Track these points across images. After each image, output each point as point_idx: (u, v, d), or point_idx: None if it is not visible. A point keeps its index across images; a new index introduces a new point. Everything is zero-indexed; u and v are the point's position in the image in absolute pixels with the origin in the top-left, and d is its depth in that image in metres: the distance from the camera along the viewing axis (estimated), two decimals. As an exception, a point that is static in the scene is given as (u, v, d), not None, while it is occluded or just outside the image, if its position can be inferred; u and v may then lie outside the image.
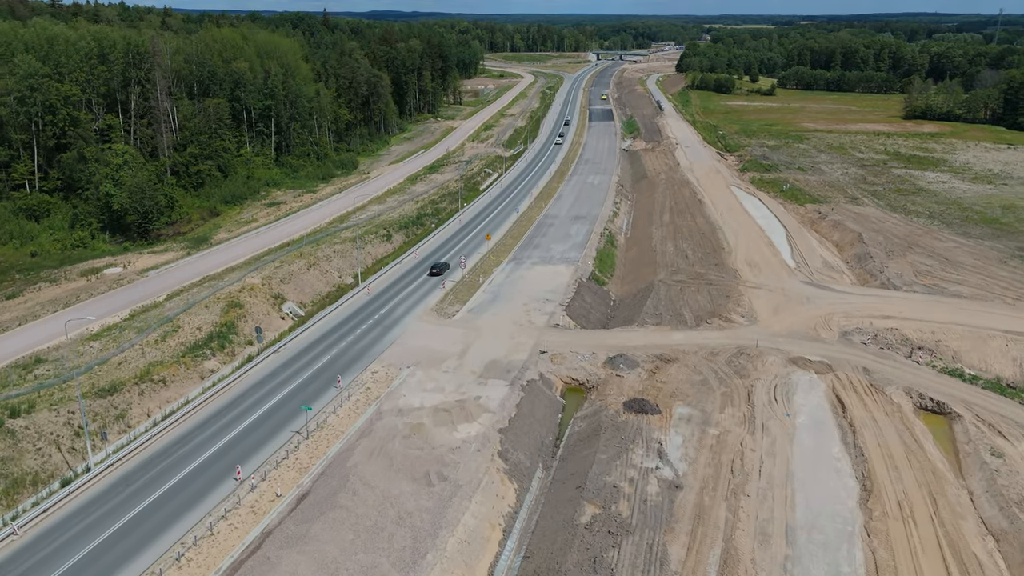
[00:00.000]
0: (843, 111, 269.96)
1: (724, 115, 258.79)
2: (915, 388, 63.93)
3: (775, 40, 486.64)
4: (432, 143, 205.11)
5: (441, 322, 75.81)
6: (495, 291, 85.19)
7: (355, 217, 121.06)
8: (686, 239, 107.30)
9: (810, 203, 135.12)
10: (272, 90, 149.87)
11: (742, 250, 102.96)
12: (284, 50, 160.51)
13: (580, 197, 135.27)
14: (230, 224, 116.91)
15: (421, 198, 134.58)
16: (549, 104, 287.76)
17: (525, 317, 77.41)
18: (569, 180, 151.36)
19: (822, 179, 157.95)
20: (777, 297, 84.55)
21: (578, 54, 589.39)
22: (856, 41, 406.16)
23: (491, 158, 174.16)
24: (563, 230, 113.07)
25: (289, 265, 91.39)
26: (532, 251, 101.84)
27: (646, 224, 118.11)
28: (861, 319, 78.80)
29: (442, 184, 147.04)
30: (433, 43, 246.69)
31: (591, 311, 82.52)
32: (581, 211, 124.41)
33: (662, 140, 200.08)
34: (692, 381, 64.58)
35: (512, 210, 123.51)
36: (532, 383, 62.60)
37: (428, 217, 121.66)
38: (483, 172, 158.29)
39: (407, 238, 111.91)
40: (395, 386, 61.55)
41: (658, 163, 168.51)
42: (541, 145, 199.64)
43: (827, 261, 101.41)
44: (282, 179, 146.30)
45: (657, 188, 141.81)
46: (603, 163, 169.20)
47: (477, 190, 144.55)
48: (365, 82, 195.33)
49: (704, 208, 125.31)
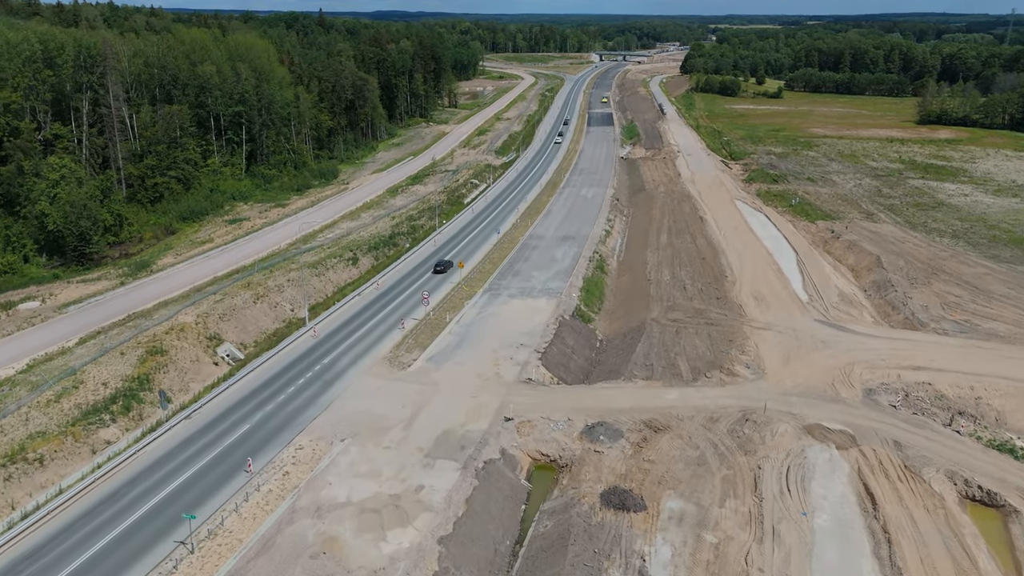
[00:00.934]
0: (853, 115, 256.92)
1: (729, 120, 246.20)
2: (959, 471, 51.79)
3: (782, 41, 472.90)
4: (421, 149, 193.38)
5: (393, 375, 63.96)
6: (462, 333, 73.25)
7: (323, 236, 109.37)
8: (685, 265, 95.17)
9: (822, 220, 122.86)
10: (243, 95, 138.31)
11: (747, 279, 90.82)
12: (258, 52, 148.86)
13: (571, 213, 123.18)
14: (183, 245, 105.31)
15: (398, 213, 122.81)
16: (547, 107, 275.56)
17: (493, 368, 65.51)
18: (561, 193, 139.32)
19: (834, 191, 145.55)
20: (788, 341, 72.43)
21: (581, 55, 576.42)
22: (865, 42, 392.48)
23: (480, 167, 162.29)
24: (548, 254, 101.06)
25: (233, 298, 79.75)
26: (511, 280, 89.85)
27: (641, 246, 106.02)
28: (887, 371, 66.67)
29: (423, 197, 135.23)
30: (426, 44, 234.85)
31: (572, 357, 70.58)
32: (570, 230, 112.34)
33: (663, 147, 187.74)
34: (687, 459, 52.62)
35: (493, 230, 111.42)
36: (491, 465, 50.71)
37: (402, 236, 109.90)
38: (469, 183, 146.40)
39: (376, 261, 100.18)
40: (321, 469, 49.73)
41: (658, 173, 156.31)
42: (535, 152, 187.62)
43: (843, 292, 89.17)
44: (252, 191, 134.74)
45: (655, 203, 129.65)
46: (599, 173, 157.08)
47: (461, 204, 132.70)
48: (350, 85, 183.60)
49: (706, 227, 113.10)
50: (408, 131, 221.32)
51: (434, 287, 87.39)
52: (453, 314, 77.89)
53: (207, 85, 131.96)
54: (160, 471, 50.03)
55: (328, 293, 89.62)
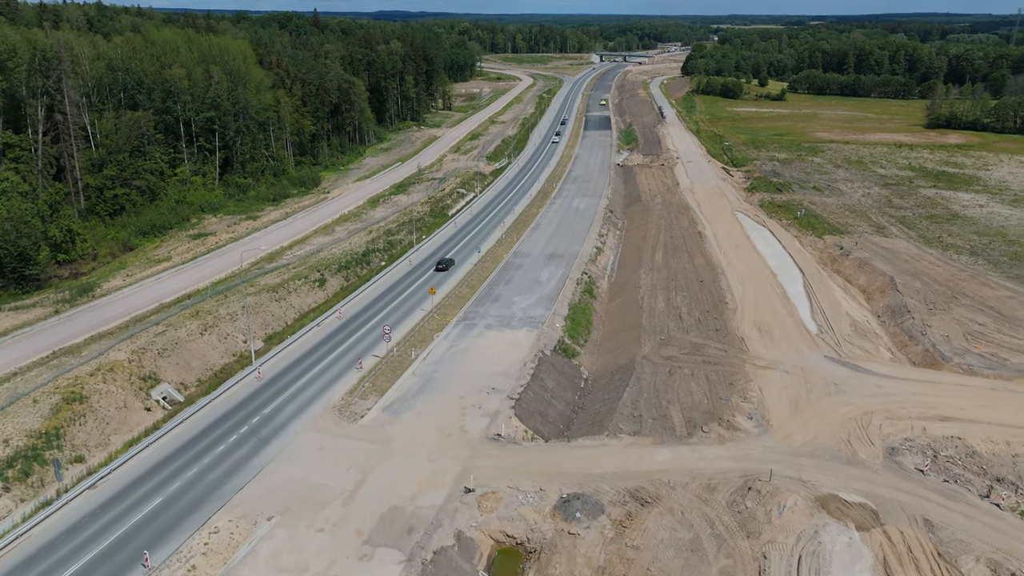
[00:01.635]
0: (859, 119, 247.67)
1: (731, 123, 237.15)
2: (1004, 560, 42.93)
3: (784, 41, 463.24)
4: (410, 155, 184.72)
5: (341, 429, 55.22)
6: (428, 373, 64.46)
7: (291, 253, 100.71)
8: (681, 289, 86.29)
9: (830, 234, 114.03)
10: (215, 99, 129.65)
11: (750, 306, 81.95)
12: (233, 53, 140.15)
13: (561, 227, 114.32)
14: (139, 263, 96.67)
15: (376, 227, 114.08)
16: (544, 110, 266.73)
17: (458, 420, 56.76)
18: (552, 204, 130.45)
19: (841, 202, 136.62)
20: (796, 384, 63.59)
21: (581, 55, 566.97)
22: (870, 42, 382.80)
23: (469, 175, 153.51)
24: (533, 274, 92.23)
25: (177, 329, 71.15)
26: (489, 307, 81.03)
27: (635, 265, 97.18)
28: (910, 422, 57.87)
29: (406, 208, 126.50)
30: (417, 45, 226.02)
31: (551, 403, 61.83)
32: (559, 247, 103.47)
33: (661, 153, 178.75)
34: (678, 543, 43.84)
35: (474, 248, 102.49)
36: (442, 556, 41.93)
37: (378, 253, 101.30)
38: (456, 193, 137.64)
39: (346, 282, 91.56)
40: (236, 562, 40.99)
41: (655, 182, 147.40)
42: (528, 158, 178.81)
43: (856, 321, 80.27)
44: (224, 202, 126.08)
45: (652, 215, 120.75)
46: (593, 182, 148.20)
47: (445, 216, 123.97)
48: (335, 88, 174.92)
49: (705, 244, 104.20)
50: (398, 135, 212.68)
51: (403, 315, 78.66)
52: (420, 350, 69.10)
53: (174, 89, 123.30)
54: (38, 566, 41.33)
55: (288, 320, 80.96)
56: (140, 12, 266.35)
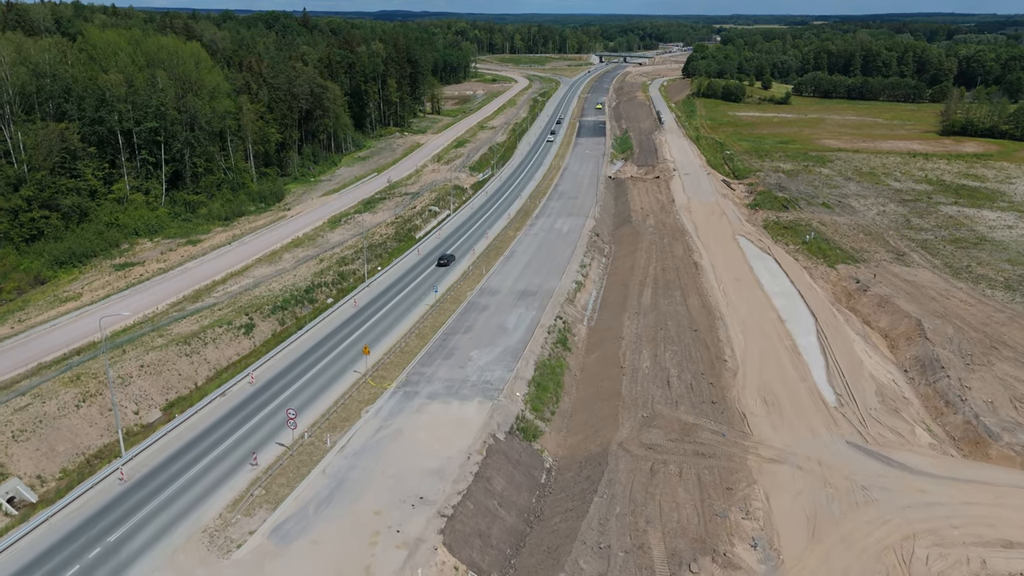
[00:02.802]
0: (868, 125, 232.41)
1: (733, 129, 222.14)
2: None
3: (788, 42, 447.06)
4: (388, 164, 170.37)
5: (205, 569, 40.82)
6: (342, 472, 49.92)
7: (223, 288, 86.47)
8: (672, 342, 71.66)
9: (843, 263, 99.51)
10: (159, 108, 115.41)
11: (753, 366, 67.35)
12: (183, 56, 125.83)
13: (539, 256, 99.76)
14: (43, 303, 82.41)
15: (330, 254, 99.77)
16: (537, 115, 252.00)
17: (364, 555, 42.22)
18: (532, 226, 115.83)
19: (854, 221, 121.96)
20: (813, 487, 49.05)
21: (580, 56, 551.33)
22: (877, 43, 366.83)
23: (446, 189, 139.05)
24: (499, 319, 77.70)
25: (46, 401, 57.03)
26: (439, 366, 66.51)
27: (619, 305, 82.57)
28: (964, 549, 43.40)
29: (370, 229, 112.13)
30: (400, 46, 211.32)
31: (499, 514, 47.37)
32: (533, 282, 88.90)
33: (657, 164, 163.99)
34: None
35: (432, 287, 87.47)
36: None
37: (324, 288, 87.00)
38: (428, 211, 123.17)
39: (280, 326, 77.25)
40: None
41: (648, 199, 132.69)
42: (514, 169, 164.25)
43: (881, 385, 65.69)
44: (167, 223, 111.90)
45: (642, 240, 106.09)
46: (581, 198, 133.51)
47: (411, 239, 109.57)
48: (306, 93, 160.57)
49: (701, 277, 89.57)
50: (379, 142, 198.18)
51: (331, 379, 64.17)
52: (338, 434, 54.62)
53: (109, 97, 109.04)
54: None
55: (200, 380, 66.67)
56: (116, 11, 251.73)
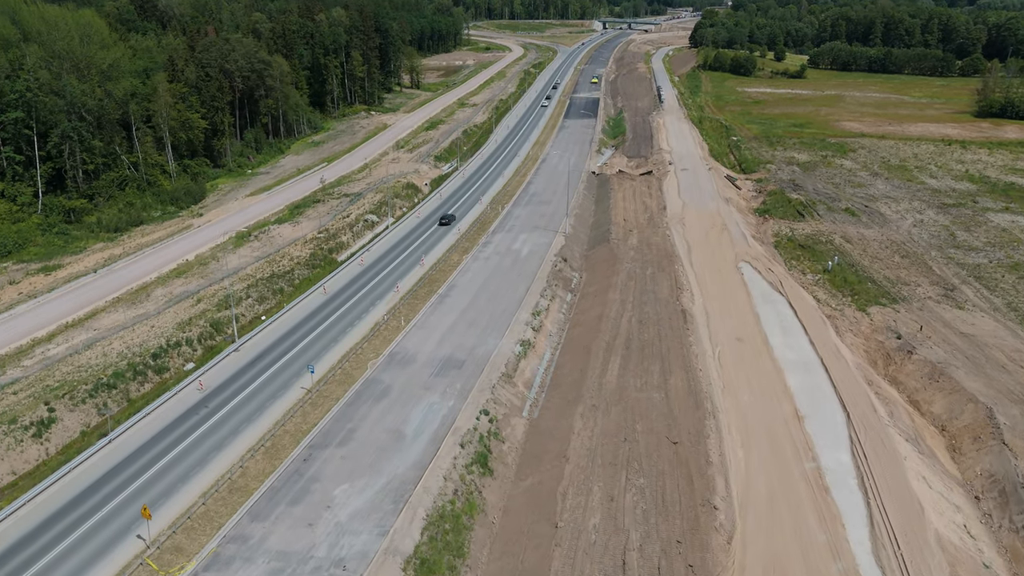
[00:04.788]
0: (894, 103, 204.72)
1: (740, 108, 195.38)
2: None
3: (804, 7, 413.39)
4: (343, 152, 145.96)
5: None
6: None
7: (44, 350, 63.51)
8: (640, 467, 48.06)
9: (877, 304, 75.78)
10: (23, 94, 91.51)
11: (758, 522, 43.85)
12: (68, 30, 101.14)
13: (482, 295, 75.83)
14: None
15: (214, 289, 76.31)
16: (525, 90, 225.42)
17: None
18: (486, 244, 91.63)
19: (886, 236, 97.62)
20: None
21: (583, 22, 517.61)
22: (900, 10, 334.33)
23: (397, 188, 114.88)
24: (396, 417, 54.02)
25: None
26: (275, 521, 42.96)
27: (574, 387, 58.88)
28: None
29: (282, 248, 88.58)
30: (367, 14, 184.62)
31: None
32: (465, 341, 65.13)
33: (651, 155, 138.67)
34: None
35: (310, 364, 63.09)
36: None
37: (183, 349, 63.91)
38: (363, 222, 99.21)
39: (100, 414, 54.36)
40: None
41: (635, 205, 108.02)
42: (484, 160, 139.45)
43: (957, 552, 42.27)
44: (35, 237, 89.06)
45: (620, 270, 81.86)
46: (554, 203, 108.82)
47: (331, 264, 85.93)
48: (244, 70, 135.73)
49: (690, 338, 65.63)
50: (341, 123, 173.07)
51: (92, 556, 41.38)
52: None
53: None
54: None
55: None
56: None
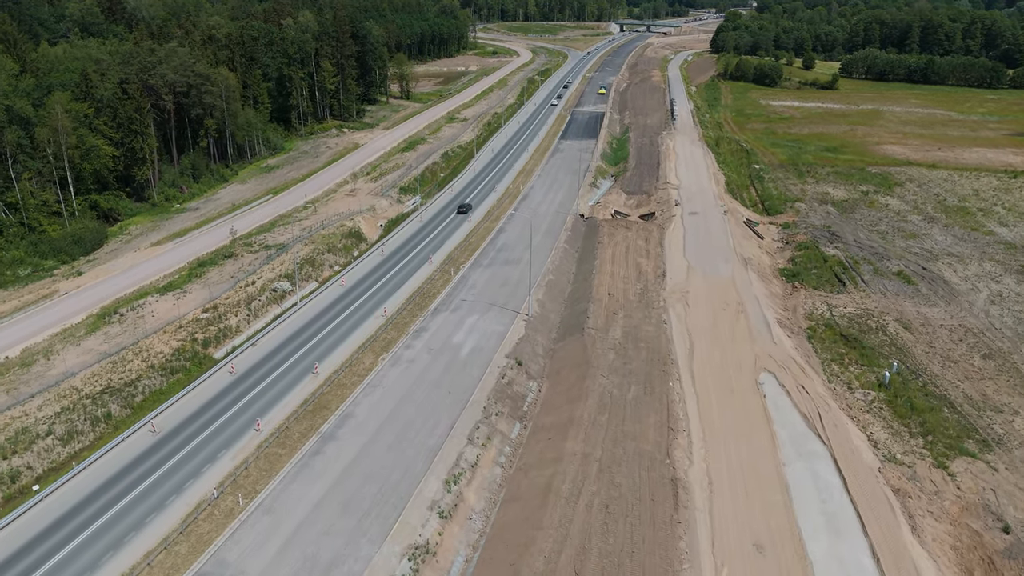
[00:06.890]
0: (940, 121, 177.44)
1: (765, 126, 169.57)
2: None
3: (834, 9, 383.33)
4: (296, 180, 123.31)
5: None
6: None
7: None
8: None
9: (962, 454, 51.34)
10: None
11: None
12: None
13: (383, 436, 52.11)
14: None
15: (8, 416, 53.59)
16: (524, 102, 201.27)
17: None
18: (417, 335, 67.66)
19: (957, 320, 72.79)
20: None
21: (599, 24, 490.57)
22: (939, 13, 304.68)
23: (333, 238, 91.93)
24: None
25: None
26: None
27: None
28: None
29: (146, 335, 65.76)
30: (341, 18, 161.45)
31: None
32: (320, 556, 41.50)
33: (655, 190, 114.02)
34: None
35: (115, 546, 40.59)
36: None
37: None
38: (268, 291, 76.05)
39: None
40: None
41: (626, 269, 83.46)
42: (454, 195, 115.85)
43: None
44: None
45: (590, 389, 57.64)
46: (523, 263, 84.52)
47: (204, 362, 62.90)
48: (182, 84, 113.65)
49: (681, 535, 41.60)
50: (306, 143, 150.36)
51: None
52: None
53: None
54: None
55: None
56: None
